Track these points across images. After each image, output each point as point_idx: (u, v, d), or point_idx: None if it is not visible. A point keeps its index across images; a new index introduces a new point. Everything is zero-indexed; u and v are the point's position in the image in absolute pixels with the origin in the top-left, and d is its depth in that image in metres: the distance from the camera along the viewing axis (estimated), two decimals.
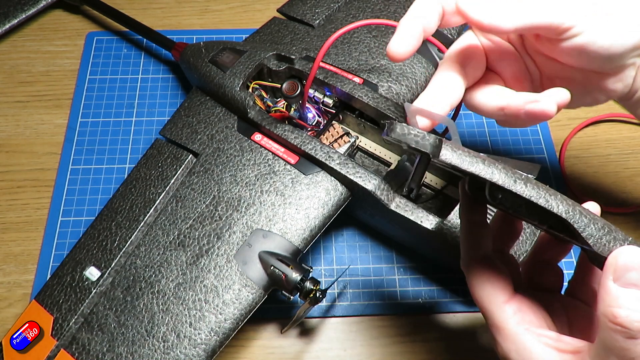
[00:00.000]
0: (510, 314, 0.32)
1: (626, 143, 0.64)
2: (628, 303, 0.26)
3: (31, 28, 0.73)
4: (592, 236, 0.27)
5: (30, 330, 0.45)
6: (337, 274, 0.54)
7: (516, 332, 0.31)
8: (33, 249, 0.56)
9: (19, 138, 0.64)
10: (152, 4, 0.76)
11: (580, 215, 0.28)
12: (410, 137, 0.29)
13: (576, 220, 0.27)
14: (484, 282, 0.33)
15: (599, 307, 0.27)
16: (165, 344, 0.43)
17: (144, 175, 0.52)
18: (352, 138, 0.54)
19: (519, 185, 0.28)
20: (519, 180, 0.28)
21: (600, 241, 0.27)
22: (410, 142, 0.29)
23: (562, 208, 0.27)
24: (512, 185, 0.27)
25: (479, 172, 0.28)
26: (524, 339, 0.31)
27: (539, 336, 0.31)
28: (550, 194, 0.28)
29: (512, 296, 0.33)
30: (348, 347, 0.52)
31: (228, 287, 0.44)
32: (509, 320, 0.32)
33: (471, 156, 0.28)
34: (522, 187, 0.27)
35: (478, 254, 0.35)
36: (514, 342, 0.31)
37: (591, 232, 0.27)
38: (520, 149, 0.63)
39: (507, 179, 0.28)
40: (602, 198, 0.60)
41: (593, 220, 0.28)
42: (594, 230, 0.27)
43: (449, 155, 0.28)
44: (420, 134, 0.29)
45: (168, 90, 0.68)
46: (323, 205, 0.48)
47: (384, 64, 0.57)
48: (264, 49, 0.57)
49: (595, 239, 0.27)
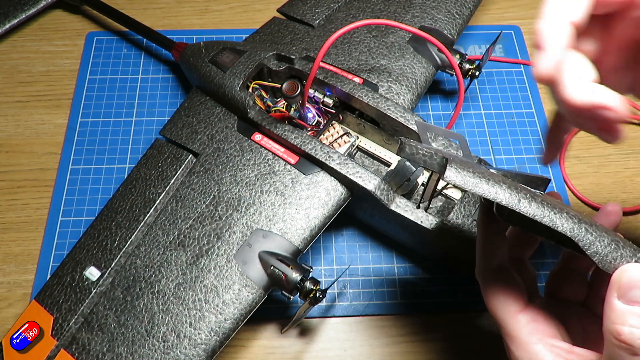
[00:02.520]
0: (523, 323, 0.32)
1: (626, 143, 0.64)
2: (632, 321, 0.26)
3: (31, 28, 0.73)
4: (598, 253, 0.27)
5: (30, 330, 0.45)
6: (337, 274, 0.54)
7: (529, 341, 0.32)
8: (33, 249, 0.56)
9: (19, 138, 0.64)
10: (152, 4, 0.76)
11: (586, 233, 0.27)
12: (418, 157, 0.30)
13: (581, 238, 0.27)
14: (499, 292, 0.34)
15: (604, 324, 0.27)
16: (165, 344, 0.43)
17: (144, 175, 0.52)
18: (352, 138, 0.54)
19: (523, 204, 0.28)
20: (523, 200, 0.28)
21: (606, 258, 0.27)
22: (419, 161, 0.30)
23: (566, 226, 0.27)
24: (515, 205, 0.28)
25: (483, 192, 0.28)
26: (536, 349, 0.31)
27: (552, 347, 0.31)
28: (556, 211, 0.28)
29: (526, 306, 0.33)
30: (348, 347, 0.52)
31: (228, 287, 0.44)
32: (521, 329, 0.32)
33: (475, 176, 0.28)
34: (526, 207, 0.28)
35: (493, 264, 0.35)
36: (526, 351, 0.32)
37: (596, 250, 0.27)
38: (520, 149, 0.63)
39: (512, 199, 0.28)
40: (602, 198, 0.60)
41: (600, 237, 0.28)
42: (599, 247, 0.27)
43: (452, 176, 0.28)
44: (428, 153, 0.30)
45: (168, 90, 0.68)
46: (323, 205, 0.48)
47: (384, 64, 0.57)
48: (264, 49, 0.57)
49: (600, 257, 0.27)
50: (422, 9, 0.61)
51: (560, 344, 0.32)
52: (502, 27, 0.72)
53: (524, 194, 0.28)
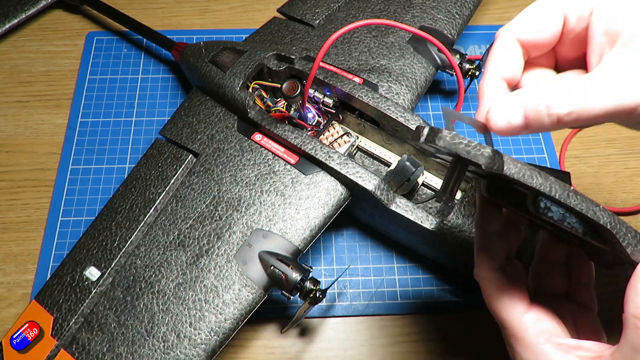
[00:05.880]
0: (529, 324, 0.32)
1: (626, 143, 0.64)
2: None
3: (31, 28, 0.73)
4: (630, 245, 0.29)
5: (30, 330, 0.45)
6: (337, 274, 0.54)
7: (536, 342, 0.31)
8: (33, 249, 0.56)
9: (19, 138, 0.64)
10: (152, 4, 0.76)
11: (620, 225, 0.29)
12: (461, 147, 0.28)
13: (618, 230, 0.29)
14: (502, 293, 0.33)
15: (628, 309, 0.28)
16: (165, 344, 0.43)
17: (144, 175, 0.52)
18: (352, 138, 0.54)
19: (572, 198, 0.28)
20: (571, 194, 0.28)
21: (636, 248, 0.29)
22: (461, 152, 0.28)
23: (607, 219, 0.28)
24: (567, 199, 0.28)
25: (539, 186, 0.28)
26: (545, 349, 0.31)
27: (559, 345, 0.31)
28: (594, 205, 0.29)
29: (530, 306, 0.33)
30: (348, 347, 0.52)
31: (228, 287, 0.44)
32: (528, 330, 0.32)
33: (529, 169, 0.28)
34: (574, 201, 0.28)
35: (494, 265, 0.34)
36: (534, 352, 0.31)
37: (629, 241, 0.29)
38: (520, 149, 0.63)
39: (563, 193, 0.28)
40: (602, 198, 0.60)
41: (628, 229, 0.29)
42: (630, 239, 0.29)
43: (512, 169, 0.28)
44: (471, 143, 0.28)
45: (168, 90, 0.68)
46: (323, 205, 0.48)
47: (384, 64, 0.57)
48: (264, 49, 0.57)
49: (632, 247, 0.29)
50: (422, 9, 0.61)
51: (566, 340, 0.31)
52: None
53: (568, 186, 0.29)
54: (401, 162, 0.48)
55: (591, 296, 0.36)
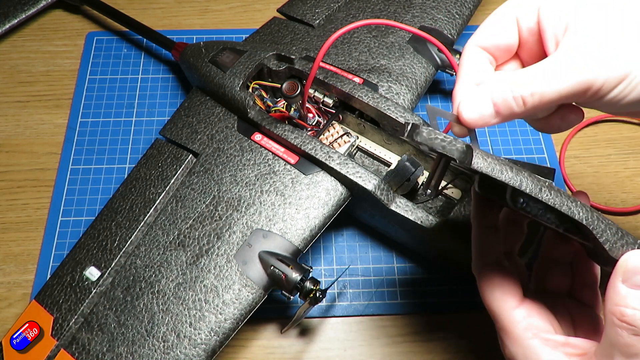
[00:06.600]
0: (519, 318, 0.33)
1: (626, 143, 0.64)
2: (635, 303, 0.27)
3: (31, 28, 0.73)
4: (609, 241, 0.29)
5: (30, 330, 0.45)
6: (337, 274, 0.54)
7: (524, 337, 0.32)
8: (33, 249, 0.56)
9: (19, 138, 0.64)
10: (152, 4, 0.76)
11: (598, 221, 0.29)
12: (437, 142, 0.30)
13: (595, 226, 0.29)
14: (495, 287, 0.34)
15: (607, 305, 0.28)
16: (165, 344, 0.43)
17: (144, 175, 0.52)
18: (352, 138, 0.54)
19: (545, 193, 0.28)
20: (544, 188, 0.28)
21: (615, 245, 0.29)
22: (436, 147, 0.30)
23: (582, 215, 0.29)
24: (538, 194, 0.28)
25: (508, 180, 0.28)
26: (532, 344, 0.32)
27: (547, 341, 0.32)
28: (570, 200, 0.29)
29: (522, 301, 0.34)
30: (348, 347, 0.52)
31: (228, 287, 0.44)
32: (517, 324, 0.33)
33: (500, 164, 0.29)
34: (547, 195, 0.28)
35: (490, 259, 0.35)
36: (522, 346, 0.32)
37: (607, 238, 0.29)
38: (520, 149, 0.63)
39: (534, 187, 0.28)
40: (602, 198, 0.60)
41: (608, 225, 0.29)
42: (609, 235, 0.29)
43: (480, 163, 0.28)
44: (447, 138, 0.30)
45: (168, 90, 0.68)
46: (323, 205, 0.48)
47: (384, 64, 0.57)
48: (264, 49, 0.57)
49: (610, 244, 0.29)
50: (422, 9, 0.61)
51: (555, 337, 0.32)
52: None
53: (543, 181, 0.29)
54: (401, 162, 0.48)
55: (594, 295, 0.37)
